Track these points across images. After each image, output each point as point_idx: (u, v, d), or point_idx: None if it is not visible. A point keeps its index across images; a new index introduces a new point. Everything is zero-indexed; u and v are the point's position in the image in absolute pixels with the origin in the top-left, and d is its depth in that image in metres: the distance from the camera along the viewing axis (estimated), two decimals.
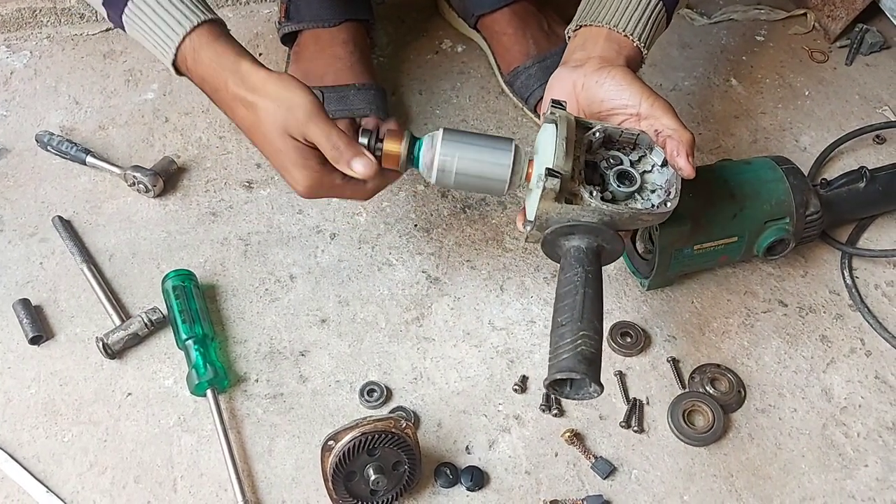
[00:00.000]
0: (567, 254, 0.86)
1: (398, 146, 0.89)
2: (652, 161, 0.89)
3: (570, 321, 0.80)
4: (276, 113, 0.86)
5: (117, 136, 1.21)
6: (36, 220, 1.11)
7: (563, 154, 0.83)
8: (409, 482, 0.88)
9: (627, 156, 0.89)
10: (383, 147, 0.89)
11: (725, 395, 0.97)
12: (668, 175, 0.87)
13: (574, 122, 0.86)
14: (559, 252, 0.88)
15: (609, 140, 0.89)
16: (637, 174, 0.87)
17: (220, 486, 0.90)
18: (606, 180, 0.87)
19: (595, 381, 0.77)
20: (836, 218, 1.07)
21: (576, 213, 0.84)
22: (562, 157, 0.82)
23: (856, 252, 1.08)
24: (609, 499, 0.90)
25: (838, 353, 1.02)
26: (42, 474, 0.91)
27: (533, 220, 0.85)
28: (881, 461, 0.94)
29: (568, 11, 1.37)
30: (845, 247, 1.08)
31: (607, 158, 0.88)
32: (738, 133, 1.23)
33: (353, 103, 1.16)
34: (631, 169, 0.87)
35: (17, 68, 1.29)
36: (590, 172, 0.87)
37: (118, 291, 1.05)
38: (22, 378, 0.98)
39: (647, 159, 0.89)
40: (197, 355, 0.96)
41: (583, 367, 0.77)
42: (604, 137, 0.88)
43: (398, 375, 0.99)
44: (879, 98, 1.27)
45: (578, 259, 0.85)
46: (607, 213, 0.84)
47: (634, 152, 0.89)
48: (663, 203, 0.86)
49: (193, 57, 0.89)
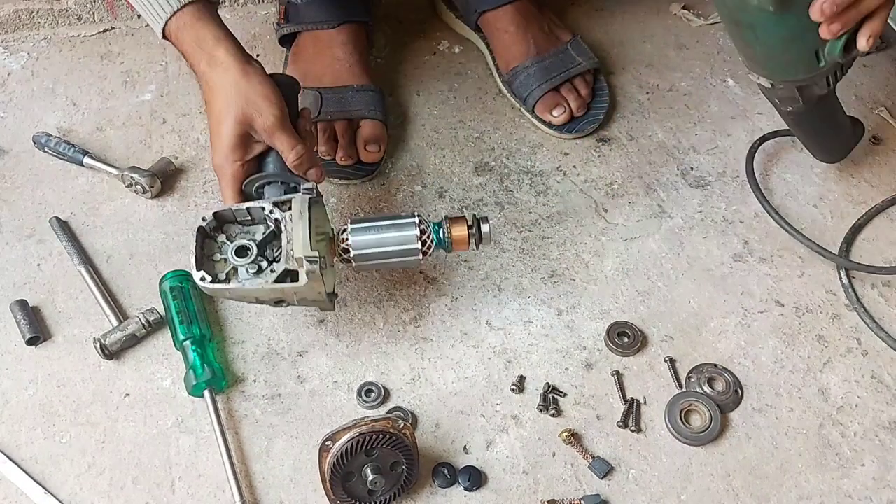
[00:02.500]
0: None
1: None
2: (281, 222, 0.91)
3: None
4: (236, 103, 0.92)
5: (115, 138, 1.21)
6: (33, 222, 1.11)
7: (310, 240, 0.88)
8: (407, 482, 0.88)
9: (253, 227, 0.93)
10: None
11: (722, 394, 0.97)
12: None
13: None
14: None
15: (224, 220, 0.93)
16: (253, 245, 0.90)
17: (217, 487, 0.90)
18: (228, 258, 0.90)
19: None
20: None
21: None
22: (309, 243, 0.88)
23: (852, 266, 1.07)
24: (606, 498, 0.91)
25: (835, 353, 1.02)
26: (40, 476, 0.91)
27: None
28: (878, 460, 0.94)
29: (567, 13, 1.39)
30: (841, 259, 1.08)
31: (234, 236, 0.93)
32: (735, 133, 1.23)
33: (350, 104, 1.17)
34: (246, 242, 0.90)
35: (15, 70, 1.29)
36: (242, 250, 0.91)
37: (116, 292, 1.05)
38: (19, 379, 0.98)
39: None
40: (195, 356, 0.96)
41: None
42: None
43: (396, 376, 0.99)
44: (876, 99, 1.27)
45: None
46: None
47: (260, 224, 0.93)
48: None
49: (177, 35, 0.95)
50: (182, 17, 0.93)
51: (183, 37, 0.94)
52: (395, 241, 0.94)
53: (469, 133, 1.23)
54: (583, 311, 1.05)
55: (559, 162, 1.20)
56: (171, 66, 1.29)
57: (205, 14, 0.95)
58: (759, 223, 1.13)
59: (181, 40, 0.95)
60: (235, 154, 0.94)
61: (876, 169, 1.18)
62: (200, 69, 0.94)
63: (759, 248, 1.11)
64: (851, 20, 0.85)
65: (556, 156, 1.20)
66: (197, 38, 0.94)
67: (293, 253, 0.88)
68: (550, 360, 1.01)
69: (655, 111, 1.26)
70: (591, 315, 1.04)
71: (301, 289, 0.88)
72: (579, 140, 1.22)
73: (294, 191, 0.95)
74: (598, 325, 1.03)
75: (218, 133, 0.94)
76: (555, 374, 0.99)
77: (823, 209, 1.14)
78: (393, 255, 0.95)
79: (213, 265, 0.90)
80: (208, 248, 0.91)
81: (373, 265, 0.96)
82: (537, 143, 1.22)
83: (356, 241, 0.94)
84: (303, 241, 0.87)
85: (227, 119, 0.93)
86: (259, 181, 0.96)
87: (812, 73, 0.92)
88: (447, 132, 1.23)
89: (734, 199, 1.15)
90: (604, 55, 1.32)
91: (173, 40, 0.96)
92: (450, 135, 1.23)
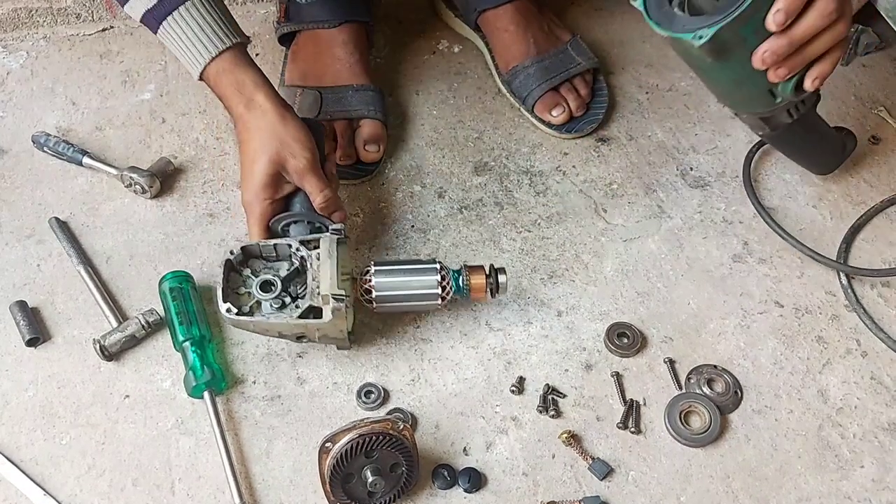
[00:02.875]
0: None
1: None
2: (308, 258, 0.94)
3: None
4: (271, 145, 0.96)
5: (114, 137, 1.20)
6: (33, 222, 1.11)
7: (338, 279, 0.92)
8: (407, 484, 0.88)
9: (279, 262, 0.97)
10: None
11: (722, 396, 0.97)
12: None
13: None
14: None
15: (250, 255, 0.96)
16: (278, 280, 0.93)
17: (217, 489, 0.90)
18: (252, 292, 0.93)
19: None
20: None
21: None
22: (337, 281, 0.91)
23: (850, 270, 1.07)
24: (606, 500, 0.91)
25: (834, 354, 1.02)
26: (40, 477, 0.91)
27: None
28: (877, 462, 0.94)
29: (567, 13, 1.39)
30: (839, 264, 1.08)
31: (259, 270, 0.96)
32: (734, 134, 1.23)
33: (350, 104, 1.16)
34: (271, 277, 0.94)
35: (14, 69, 1.29)
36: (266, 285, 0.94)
37: (115, 293, 1.05)
38: (19, 380, 0.98)
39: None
40: (194, 357, 0.96)
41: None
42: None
43: (396, 377, 0.99)
44: (875, 98, 1.27)
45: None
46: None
47: (283, 261, 0.97)
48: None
49: (215, 79, 0.98)
50: (221, 63, 0.97)
51: (222, 80, 0.97)
52: (417, 285, 0.97)
53: (468, 133, 1.23)
54: (582, 312, 1.05)
55: (558, 162, 1.20)
56: (171, 65, 1.29)
57: (242, 59, 0.98)
58: (759, 224, 1.13)
59: (220, 84, 0.98)
60: (266, 192, 0.98)
61: (875, 169, 1.18)
62: (238, 111, 0.98)
63: (758, 248, 1.11)
64: (798, 65, 0.84)
65: (556, 156, 1.20)
66: (236, 82, 0.97)
67: (320, 290, 0.91)
68: (550, 361, 1.01)
69: (655, 111, 1.26)
70: (590, 316, 1.04)
71: (324, 325, 0.91)
72: (579, 140, 1.22)
73: (318, 230, 0.98)
74: (597, 326, 1.03)
75: (251, 172, 0.97)
76: (554, 375, 1.00)
77: (823, 209, 1.14)
78: (412, 299, 0.98)
79: (238, 298, 0.93)
80: (233, 280, 0.95)
81: (391, 308, 0.99)
82: (537, 142, 1.22)
83: (379, 283, 0.97)
84: (331, 279, 0.91)
85: (260, 159, 0.96)
86: (286, 220, 0.99)
87: (770, 108, 0.92)
88: (446, 132, 1.23)
89: (734, 200, 1.15)
90: (603, 55, 1.32)
91: (211, 83, 0.99)
92: (449, 135, 1.23)
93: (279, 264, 0.97)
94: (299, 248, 0.95)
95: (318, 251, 0.94)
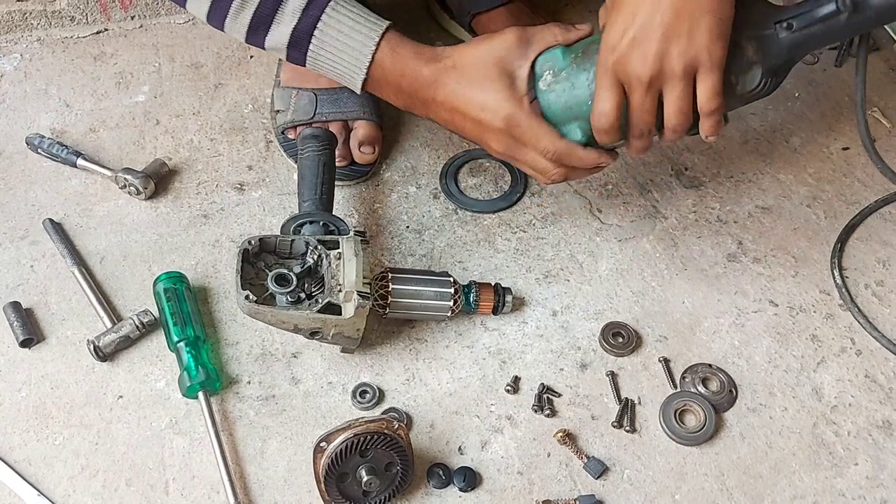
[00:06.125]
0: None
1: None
2: (330, 257, 0.94)
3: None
4: (490, 56, 0.92)
5: (108, 139, 1.20)
6: (26, 223, 1.11)
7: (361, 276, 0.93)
8: (402, 483, 0.88)
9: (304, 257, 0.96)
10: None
11: (717, 394, 0.97)
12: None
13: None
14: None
15: (265, 248, 0.96)
16: (293, 275, 0.93)
17: (212, 489, 0.90)
18: (267, 285, 0.92)
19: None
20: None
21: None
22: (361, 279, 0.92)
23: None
24: (601, 498, 0.91)
25: (829, 353, 1.02)
26: (33, 478, 0.91)
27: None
28: (871, 459, 0.94)
29: (562, 14, 1.39)
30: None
31: (271, 265, 0.95)
32: (728, 134, 1.23)
33: (346, 105, 1.16)
34: (286, 271, 0.93)
35: (8, 71, 1.28)
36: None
37: (109, 294, 1.05)
38: (13, 381, 0.97)
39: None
40: (189, 357, 0.95)
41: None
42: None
43: (390, 376, 0.99)
44: (868, 99, 1.27)
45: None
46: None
47: (295, 259, 0.97)
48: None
49: (392, 57, 0.94)
50: (390, 41, 0.94)
51: (399, 53, 0.94)
52: (431, 296, 0.98)
53: None
54: (577, 311, 1.05)
55: None
56: (165, 67, 1.29)
57: (403, 36, 0.95)
58: (753, 223, 1.13)
59: (398, 57, 0.94)
60: (517, 94, 0.92)
61: (869, 169, 1.19)
62: (426, 72, 0.93)
63: (752, 247, 1.11)
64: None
65: None
66: (413, 50, 0.94)
67: (343, 287, 0.91)
68: (545, 360, 1.01)
69: None
70: (585, 315, 1.04)
71: (343, 322, 0.91)
72: None
73: (331, 232, 0.98)
74: (592, 326, 1.03)
75: (485, 97, 0.92)
76: (549, 374, 1.00)
77: (817, 209, 1.15)
78: (424, 309, 0.99)
79: (251, 289, 0.92)
80: (246, 272, 0.94)
81: (401, 315, 1.00)
82: None
83: (396, 290, 0.97)
84: (356, 276, 0.92)
85: (488, 75, 0.91)
86: (300, 220, 0.99)
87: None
88: (441, 133, 1.23)
89: (728, 200, 1.16)
90: None
91: (387, 63, 0.94)
92: (444, 136, 1.23)
93: (290, 262, 0.96)
94: (317, 246, 0.95)
95: (337, 251, 0.94)
